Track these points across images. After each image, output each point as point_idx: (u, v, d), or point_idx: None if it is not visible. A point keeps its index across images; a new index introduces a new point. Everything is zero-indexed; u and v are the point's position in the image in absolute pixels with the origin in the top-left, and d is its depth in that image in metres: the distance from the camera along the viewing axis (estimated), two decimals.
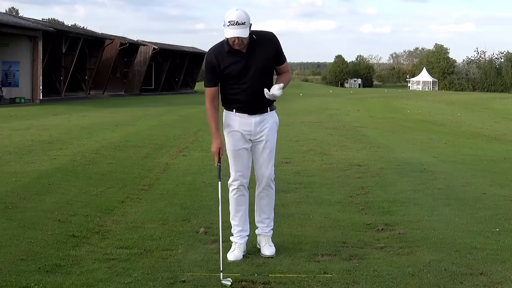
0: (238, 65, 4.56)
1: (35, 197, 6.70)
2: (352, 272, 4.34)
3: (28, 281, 4.03)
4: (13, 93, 30.42)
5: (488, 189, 7.72)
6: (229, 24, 4.36)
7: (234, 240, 4.83)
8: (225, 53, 4.55)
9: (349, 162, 10.22)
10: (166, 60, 49.63)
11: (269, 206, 4.93)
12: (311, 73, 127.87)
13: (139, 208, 6.48)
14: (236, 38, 4.40)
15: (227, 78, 4.62)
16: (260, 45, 4.58)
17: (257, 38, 4.57)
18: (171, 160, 10.30)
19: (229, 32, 4.38)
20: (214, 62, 4.58)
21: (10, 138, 12.77)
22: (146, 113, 22.93)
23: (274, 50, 4.66)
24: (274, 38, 4.68)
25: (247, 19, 4.39)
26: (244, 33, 4.38)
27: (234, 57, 4.55)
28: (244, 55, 4.55)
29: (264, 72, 4.63)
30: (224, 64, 4.57)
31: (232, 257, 4.68)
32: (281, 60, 4.74)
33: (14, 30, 29.16)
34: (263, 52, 4.60)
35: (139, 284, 4.06)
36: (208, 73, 4.66)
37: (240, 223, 4.86)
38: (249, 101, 4.65)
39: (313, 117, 22.08)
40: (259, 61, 4.59)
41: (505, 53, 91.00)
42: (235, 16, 4.36)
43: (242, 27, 4.36)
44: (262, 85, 4.59)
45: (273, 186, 4.91)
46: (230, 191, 4.83)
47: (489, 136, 17.09)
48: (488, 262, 4.59)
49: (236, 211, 4.85)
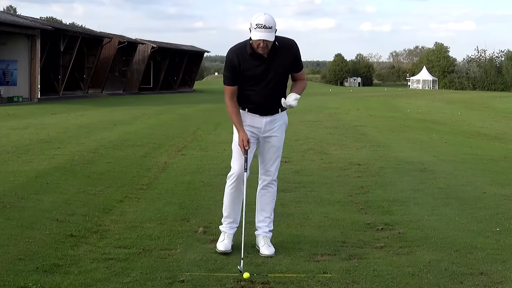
0: (258, 69, 4.65)
1: (33, 197, 6.67)
2: (352, 272, 4.32)
3: (26, 281, 4.01)
4: (11, 91, 30.36)
5: (488, 188, 7.70)
6: (257, 27, 4.44)
7: (224, 229, 4.92)
8: (247, 55, 4.62)
9: (348, 161, 10.20)
10: (164, 58, 49.61)
11: (270, 204, 4.96)
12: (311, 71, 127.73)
13: (137, 207, 6.46)
14: (262, 41, 4.47)
15: (246, 79, 4.70)
16: (281, 51, 4.66)
17: (279, 44, 4.64)
18: (169, 159, 10.28)
19: (257, 35, 4.46)
20: (235, 62, 4.65)
21: (8, 137, 12.73)
22: (145, 112, 22.89)
23: (293, 57, 4.75)
24: (295, 46, 4.77)
25: (274, 23, 4.48)
26: (271, 37, 4.46)
27: (255, 60, 4.63)
28: (265, 60, 4.64)
29: (281, 78, 4.75)
30: (245, 66, 4.64)
31: (222, 247, 4.76)
32: (299, 68, 4.84)
33: (12, 28, 29.10)
34: (283, 59, 4.68)
35: (137, 284, 4.04)
36: (229, 71, 4.71)
37: (231, 215, 4.94)
38: (262, 103, 4.77)
39: (313, 116, 22.07)
40: (279, 67, 4.68)
41: (506, 51, 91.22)
42: (263, 19, 4.44)
43: (269, 31, 4.45)
44: (277, 90, 4.74)
45: (276, 184, 4.98)
46: (228, 184, 4.90)
47: (489, 135, 17.08)
48: (488, 262, 4.57)
49: (230, 203, 4.92)
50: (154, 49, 46.50)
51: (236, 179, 4.82)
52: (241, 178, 4.81)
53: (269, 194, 4.95)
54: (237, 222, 4.97)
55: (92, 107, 26.26)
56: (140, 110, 24.74)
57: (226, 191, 4.92)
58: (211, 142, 12.95)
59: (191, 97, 41.53)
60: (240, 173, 4.80)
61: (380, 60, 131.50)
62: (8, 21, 28.93)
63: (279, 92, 4.76)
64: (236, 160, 4.82)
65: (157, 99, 36.04)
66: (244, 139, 4.70)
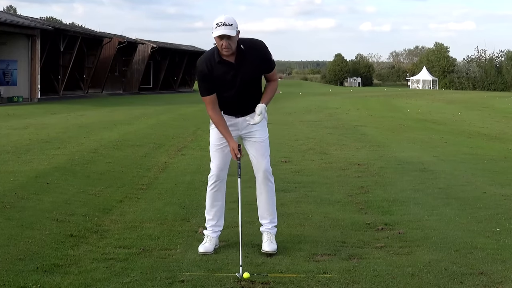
0: (227, 75, 4.67)
1: (33, 197, 6.67)
2: (352, 271, 4.32)
3: (26, 281, 4.01)
4: (11, 91, 30.36)
5: (488, 188, 7.70)
6: (217, 25, 4.49)
7: (207, 233, 4.95)
8: (216, 63, 4.64)
9: (348, 161, 10.20)
10: (164, 58, 49.60)
11: (269, 201, 4.96)
12: (311, 71, 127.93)
13: (137, 207, 6.46)
14: (224, 40, 4.48)
15: (217, 86, 4.73)
16: (248, 54, 4.66)
17: (245, 47, 4.65)
18: (169, 159, 10.27)
19: (216, 32, 4.48)
20: (205, 71, 4.67)
21: (8, 137, 12.73)
22: (145, 112, 22.89)
23: (262, 59, 4.75)
24: (262, 47, 4.74)
25: (234, 22, 4.51)
26: (231, 32, 4.46)
27: (224, 67, 4.65)
28: (233, 66, 4.65)
29: (251, 81, 4.77)
30: (214, 74, 4.67)
31: (203, 249, 4.78)
32: (270, 68, 4.85)
33: (12, 28, 29.10)
34: (251, 62, 4.68)
35: (137, 284, 4.03)
36: (202, 81, 4.73)
37: (214, 218, 4.97)
38: (236, 107, 4.83)
39: (313, 116, 22.06)
40: (248, 71, 4.69)
41: (506, 51, 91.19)
42: (223, 18, 4.50)
43: (229, 27, 4.46)
44: (249, 93, 4.78)
45: (272, 180, 4.97)
46: (209, 185, 4.97)
47: (489, 135, 17.08)
48: (488, 262, 4.57)
49: (211, 206, 4.97)
50: (154, 49, 46.49)
51: (215, 180, 4.91)
52: (220, 178, 4.90)
53: (266, 192, 4.95)
54: (221, 225, 5.02)
55: (92, 107, 26.25)
56: (140, 110, 24.73)
57: (208, 194, 4.98)
58: None
59: (191, 97, 41.51)
60: (219, 173, 4.89)
61: (380, 60, 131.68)
62: (8, 21, 28.92)
63: (254, 93, 4.80)
64: (214, 161, 4.92)
65: (157, 99, 36.03)
66: (234, 147, 4.75)
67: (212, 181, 4.94)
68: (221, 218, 5.02)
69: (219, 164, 4.90)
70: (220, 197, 4.97)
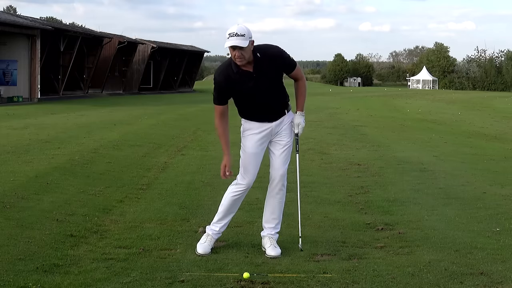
0: (248, 85, 4.62)
1: (33, 197, 6.67)
2: (352, 271, 4.32)
3: (26, 281, 4.01)
4: (11, 91, 30.36)
5: (488, 188, 7.70)
6: (229, 36, 4.44)
7: (210, 232, 4.89)
8: (234, 73, 4.61)
9: (348, 161, 10.20)
10: (164, 58, 49.60)
11: (279, 206, 4.94)
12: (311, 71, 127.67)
13: (137, 207, 6.46)
14: (237, 51, 4.44)
15: (239, 96, 4.70)
16: (265, 61, 4.61)
17: (261, 55, 4.60)
18: (169, 160, 10.27)
19: (228, 42, 4.44)
20: (222, 84, 4.65)
21: (8, 137, 12.72)
22: (145, 112, 22.89)
23: (279, 64, 4.70)
24: (279, 53, 4.70)
25: (247, 32, 4.45)
26: (243, 43, 4.41)
27: (242, 77, 4.60)
28: (252, 75, 4.61)
29: (272, 87, 4.73)
30: (234, 86, 4.63)
31: (201, 249, 4.75)
32: (291, 68, 4.79)
33: (12, 28, 29.09)
34: (269, 69, 4.64)
35: (137, 284, 4.03)
36: (216, 92, 4.72)
37: (225, 220, 4.93)
38: (265, 114, 4.78)
39: (313, 116, 22.05)
40: (267, 78, 4.65)
41: (506, 51, 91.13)
42: (235, 28, 4.45)
43: (241, 38, 4.41)
44: (273, 98, 4.75)
45: (285, 185, 4.94)
46: (233, 190, 4.86)
47: (489, 135, 17.09)
48: (488, 262, 4.57)
49: (229, 211, 4.91)
50: (154, 49, 46.50)
51: (245, 188, 4.84)
52: (250, 186, 4.84)
53: (279, 197, 4.91)
54: (225, 227, 5.00)
55: (92, 107, 26.25)
56: (140, 110, 24.73)
57: (228, 197, 4.88)
58: (211, 142, 12.93)
59: (191, 97, 41.51)
60: (250, 182, 4.82)
61: (380, 60, 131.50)
62: (8, 21, 28.92)
63: (278, 97, 4.78)
64: (249, 168, 4.80)
65: (157, 99, 36.03)
66: (227, 164, 4.75)
67: (240, 188, 4.83)
68: (229, 221, 5.01)
69: (254, 172, 4.82)
70: (239, 203, 4.94)
